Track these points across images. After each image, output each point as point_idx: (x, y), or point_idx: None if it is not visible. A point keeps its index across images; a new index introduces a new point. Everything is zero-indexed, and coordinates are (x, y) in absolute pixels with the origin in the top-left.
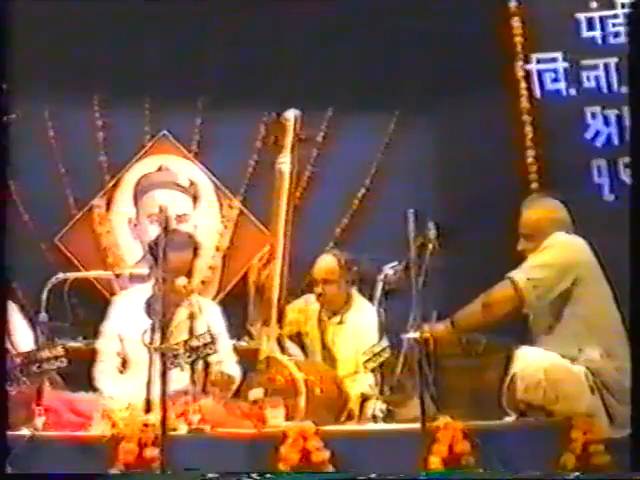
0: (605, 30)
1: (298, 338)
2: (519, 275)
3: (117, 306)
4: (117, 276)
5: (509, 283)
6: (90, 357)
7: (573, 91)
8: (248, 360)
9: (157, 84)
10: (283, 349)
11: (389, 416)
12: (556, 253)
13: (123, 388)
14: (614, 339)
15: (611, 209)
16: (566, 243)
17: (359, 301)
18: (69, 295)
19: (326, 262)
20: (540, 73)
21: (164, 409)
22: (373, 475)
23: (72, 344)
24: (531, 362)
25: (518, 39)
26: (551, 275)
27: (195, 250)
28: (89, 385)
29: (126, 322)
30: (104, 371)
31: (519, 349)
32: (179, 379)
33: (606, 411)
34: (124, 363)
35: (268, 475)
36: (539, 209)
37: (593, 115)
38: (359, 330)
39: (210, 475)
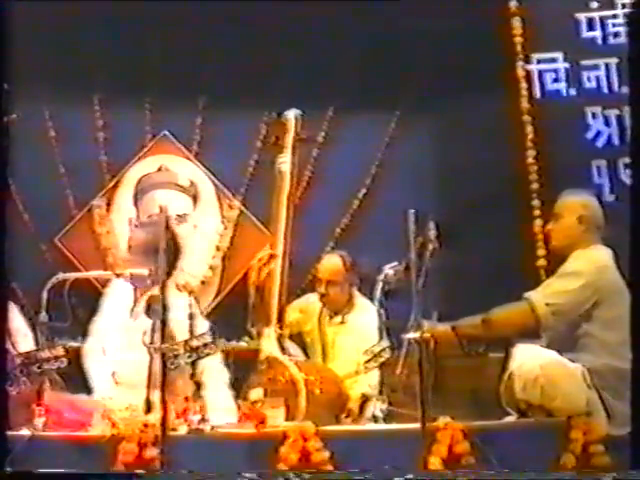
0: (605, 30)
1: (299, 338)
2: (538, 299)
3: (103, 303)
4: (117, 276)
5: (527, 306)
6: None
7: (573, 91)
8: (248, 360)
9: (157, 84)
10: (283, 349)
11: (389, 416)
12: (579, 279)
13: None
14: (623, 351)
15: (611, 210)
16: (590, 265)
17: (361, 302)
18: (69, 295)
19: (332, 263)
20: (540, 73)
21: (164, 409)
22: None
23: (72, 344)
24: (528, 359)
25: (518, 39)
26: (572, 301)
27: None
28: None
29: (109, 318)
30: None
31: (516, 347)
32: None
33: (604, 408)
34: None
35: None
36: (569, 216)
37: (594, 115)
38: (360, 330)
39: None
